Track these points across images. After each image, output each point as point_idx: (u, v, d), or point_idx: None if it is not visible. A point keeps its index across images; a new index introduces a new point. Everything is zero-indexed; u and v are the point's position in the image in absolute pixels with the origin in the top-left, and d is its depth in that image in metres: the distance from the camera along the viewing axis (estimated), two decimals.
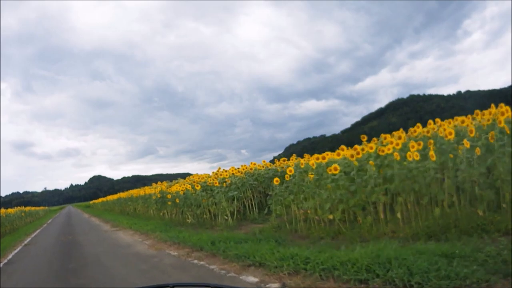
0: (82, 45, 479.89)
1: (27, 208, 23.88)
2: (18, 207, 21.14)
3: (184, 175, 16.98)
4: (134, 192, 18.07)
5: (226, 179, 9.43)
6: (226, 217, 8.81)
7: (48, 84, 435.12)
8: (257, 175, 9.96)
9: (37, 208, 33.59)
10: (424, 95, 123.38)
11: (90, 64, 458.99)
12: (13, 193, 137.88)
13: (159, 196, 12.32)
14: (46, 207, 51.91)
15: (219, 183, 9.24)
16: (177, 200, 10.26)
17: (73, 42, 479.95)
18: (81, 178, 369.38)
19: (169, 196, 10.96)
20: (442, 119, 6.02)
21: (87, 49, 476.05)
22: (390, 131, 6.29)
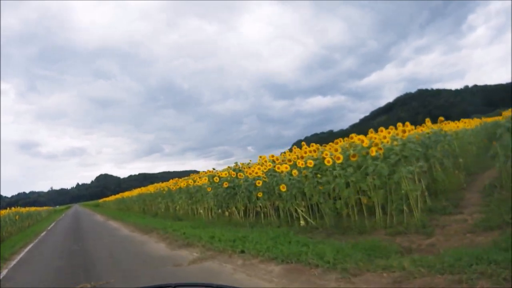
0: (85, 44, 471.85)
1: (25, 209, 18.91)
2: (14, 208, 16.42)
3: (191, 173, 13.03)
4: (167, 185, 13.46)
5: (376, 144, 4.94)
6: (405, 209, 4.45)
7: (51, 84, 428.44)
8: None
9: (39, 209, 28.21)
10: (432, 89, 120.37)
11: (93, 63, 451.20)
12: (19, 193, 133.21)
13: (225, 186, 7.78)
14: (50, 207, 46.32)
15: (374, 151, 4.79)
16: (283, 188, 5.72)
17: (76, 41, 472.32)
18: (87, 177, 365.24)
19: (258, 183, 6.44)
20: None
21: (90, 48, 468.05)
22: None
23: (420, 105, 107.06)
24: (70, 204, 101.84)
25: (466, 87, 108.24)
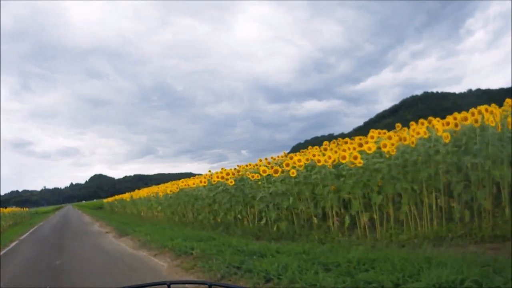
0: (78, 42, 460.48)
1: None
2: None
3: (186, 175, 10.19)
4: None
5: None
6: None
7: (44, 82, 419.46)
8: None
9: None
10: (437, 92, 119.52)
11: (86, 62, 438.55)
12: (11, 192, 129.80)
13: None
14: (26, 209, 34.30)
15: None
16: None
17: (69, 39, 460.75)
18: (80, 177, 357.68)
19: None
20: None
21: (83, 47, 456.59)
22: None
23: (427, 107, 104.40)
24: (63, 204, 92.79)
25: (470, 91, 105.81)
